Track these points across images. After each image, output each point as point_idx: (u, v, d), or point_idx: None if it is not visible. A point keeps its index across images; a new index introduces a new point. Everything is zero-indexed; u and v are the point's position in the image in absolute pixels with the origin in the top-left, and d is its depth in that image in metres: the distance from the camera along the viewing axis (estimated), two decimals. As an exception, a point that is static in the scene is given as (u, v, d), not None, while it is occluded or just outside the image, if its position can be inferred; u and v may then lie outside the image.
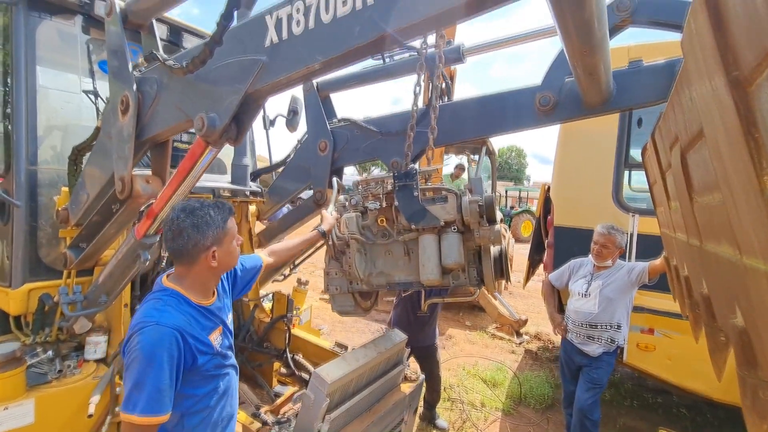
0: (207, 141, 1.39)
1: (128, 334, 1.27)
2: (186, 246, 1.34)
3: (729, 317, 0.81)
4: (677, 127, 1.01)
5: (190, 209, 1.37)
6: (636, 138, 3.56)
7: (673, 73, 1.61)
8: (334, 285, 2.12)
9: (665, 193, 1.62)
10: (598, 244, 3.02)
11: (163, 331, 1.23)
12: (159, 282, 1.43)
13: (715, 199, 0.80)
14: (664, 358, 3.28)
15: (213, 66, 1.39)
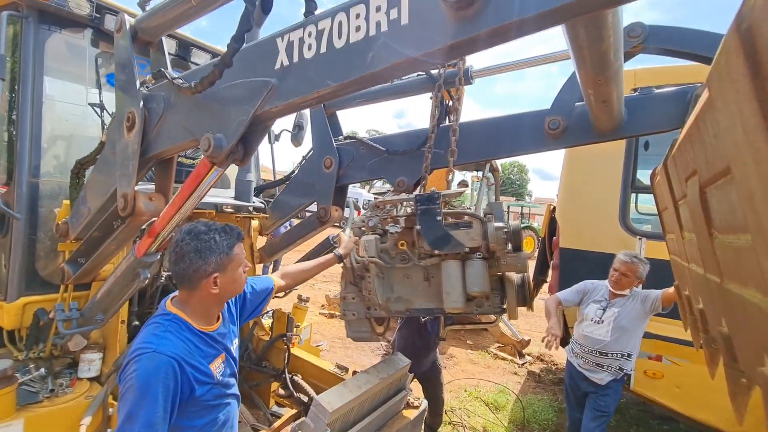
0: (213, 161, 1.37)
1: (125, 360, 1.23)
2: (187, 271, 1.31)
3: (756, 365, 0.77)
4: (696, 161, 0.99)
5: (196, 233, 1.34)
6: (643, 161, 3.54)
7: (685, 100, 1.60)
8: (350, 311, 2.04)
9: (677, 222, 1.58)
10: (618, 272, 2.91)
11: (160, 359, 1.18)
12: (163, 305, 1.40)
13: (741, 241, 0.76)
14: (672, 387, 3.19)
15: (221, 86, 1.37)
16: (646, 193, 3.94)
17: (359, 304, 2.02)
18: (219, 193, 3.32)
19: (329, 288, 8.80)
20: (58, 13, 2.33)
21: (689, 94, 1.60)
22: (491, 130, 2.03)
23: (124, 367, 1.22)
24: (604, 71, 1.08)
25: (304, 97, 1.15)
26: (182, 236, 1.34)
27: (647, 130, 1.67)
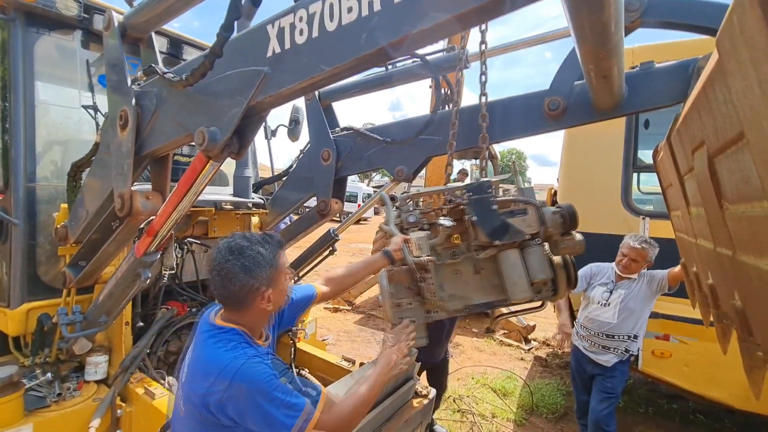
0: (208, 156, 1.34)
1: (208, 387, 1.13)
2: (238, 293, 1.22)
3: (775, 337, 0.75)
4: (704, 131, 0.96)
5: (239, 249, 1.23)
6: (644, 139, 3.50)
7: (687, 74, 1.56)
8: (407, 317, 1.76)
9: (684, 198, 1.56)
10: (627, 257, 2.88)
11: (258, 363, 1.15)
12: (207, 320, 1.30)
13: (756, 210, 0.74)
14: (680, 365, 3.19)
15: (213, 78, 1.34)
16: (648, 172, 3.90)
17: (418, 309, 1.78)
18: (218, 191, 3.30)
19: (333, 283, 8.80)
20: (46, 14, 2.29)
21: (691, 66, 1.56)
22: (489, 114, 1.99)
23: (211, 390, 1.12)
24: (605, 44, 1.04)
25: (298, 84, 1.12)
26: (223, 255, 1.23)
27: (649, 105, 1.64)
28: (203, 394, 1.13)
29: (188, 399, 1.20)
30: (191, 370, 1.23)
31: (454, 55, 2.26)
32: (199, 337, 1.28)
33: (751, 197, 0.74)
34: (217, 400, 1.11)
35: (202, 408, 1.15)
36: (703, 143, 1.00)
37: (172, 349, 2.77)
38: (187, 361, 1.29)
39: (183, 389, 1.25)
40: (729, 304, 1.13)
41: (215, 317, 1.31)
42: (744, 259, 0.89)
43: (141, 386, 2.14)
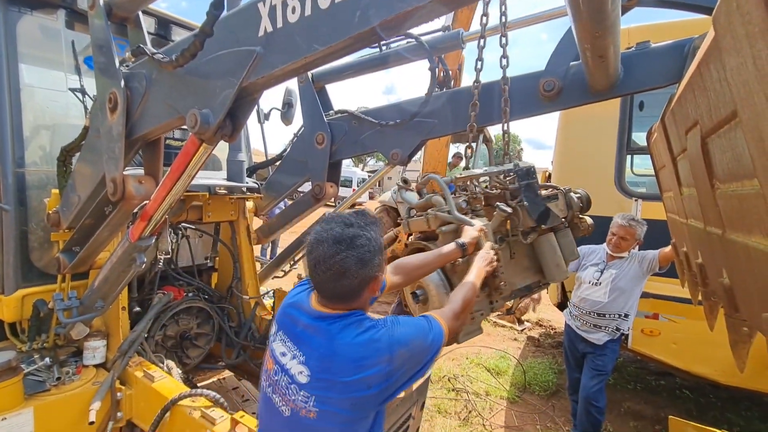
0: (201, 138, 1.32)
1: (376, 372, 1.06)
2: (356, 287, 1.11)
3: (761, 311, 0.77)
4: (697, 111, 0.96)
5: (349, 239, 1.09)
6: (638, 122, 3.50)
7: (683, 54, 1.55)
8: (477, 310, 1.65)
9: (676, 179, 1.57)
10: (617, 236, 2.95)
11: (395, 326, 1.12)
12: (309, 308, 1.18)
13: (746, 188, 0.75)
14: (669, 343, 3.28)
15: (204, 59, 1.32)
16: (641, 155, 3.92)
17: (484, 301, 1.69)
18: (211, 175, 3.27)
19: (329, 267, 8.84)
20: (27, -8, 2.21)
21: (687, 46, 1.55)
22: (484, 95, 1.97)
23: (374, 372, 1.07)
24: (602, 22, 1.03)
25: (291, 64, 1.10)
26: (331, 248, 1.08)
27: (644, 86, 1.63)
28: (361, 380, 1.06)
29: (326, 399, 1.08)
30: (326, 366, 1.09)
31: (450, 35, 2.23)
32: (320, 331, 1.12)
33: (742, 176, 0.75)
34: (385, 375, 1.07)
35: (359, 397, 1.08)
36: (696, 123, 1.00)
37: (170, 333, 2.79)
38: (300, 360, 1.12)
39: (308, 390, 1.09)
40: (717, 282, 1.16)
41: (316, 305, 1.18)
42: (733, 237, 0.91)
43: (140, 369, 2.16)
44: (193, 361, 2.92)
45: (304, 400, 1.09)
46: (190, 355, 2.91)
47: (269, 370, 1.20)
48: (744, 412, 3.81)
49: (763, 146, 0.57)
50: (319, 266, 1.10)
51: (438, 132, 2.17)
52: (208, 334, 2.98)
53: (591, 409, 3.08)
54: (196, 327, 2.92)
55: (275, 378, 1.17)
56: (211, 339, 2.98)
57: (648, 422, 3.72)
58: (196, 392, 1.90)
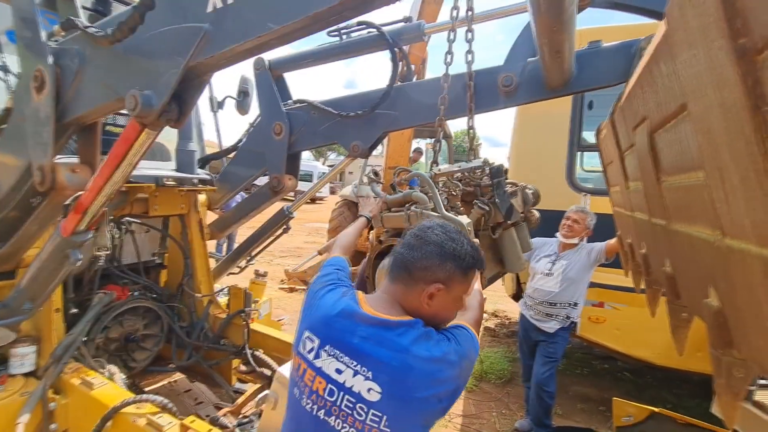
0: (142, 123, 1.21)
1: (447, 388, 1.02)
2: (434, 269, 1.07)
3: (701, 298, 0.81)
4: (646, 106, 1.00)
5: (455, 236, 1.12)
6: (587, 120, 3.69)
7: (631, 54, 1.63)
8: None
9: (623, 174, 1.65)
10: (570, 219, 3.14)
11: (462, 337, 1.09)
12: (364, 316, 1.06)
13: (691, 179, 0.78)
14: (612, 329, 3.50)
15: (146, 35, 1.20)
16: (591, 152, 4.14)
17: None
18: (159, 166, 3.06)
19: (288, 263, 8.66)
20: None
21: (634, 47, 1.63)
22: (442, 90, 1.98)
23: (444, 389, 1.02)
24: (559, 16, 1.05)
25: (243, 44, 1.03)
26: (440, 229, 1.10)
27: (596, 84, 1.70)
28: (435, 395, 1.01)
29: (401, 417, 1.00)
30: (400, 382, 1.00)
31: (412, 27, 2.21)
32: (385, 342, 1.02)
33: (687, 168, 0.78)
34: (454, 390, 1.04)
35: (431, 411, 1.03)
36: (645, 119, 1.04)
37: (113, 335, 2.59)
38: (365, 376, 1.01)
39: (379, 409, 1.00)
40: (660, 270, 1.22)
41: (371, 310, 1.08)
42: (677, 227, 0.96)
43: (77, 376, 1.98)
44: (139, 364, 2.73)
45: (375, 420, 0.99)
46: (136, 358, 2.72)
47: (317, 390, 1.04)
48: (675, 390, 4.17)
49: (711, 138, 0.59)
50: (412, 232, 1.10)
51: (399, 124, 2.15)
52: (157, 335, 2.80)
53: (542, 395, 3.23)
54: (142, 328, 2.73)
55: (331, 399, 1.03)
56: (160, 340, 2.80)
57: (594, 404, 3.97)
58: (141, 398, 1.77)
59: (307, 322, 1.13)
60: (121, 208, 2.50)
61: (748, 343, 0.65)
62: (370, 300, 1.11)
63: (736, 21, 0.45)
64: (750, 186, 0.51)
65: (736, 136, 0.51)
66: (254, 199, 2.74)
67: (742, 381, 0.70)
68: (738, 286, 0.63)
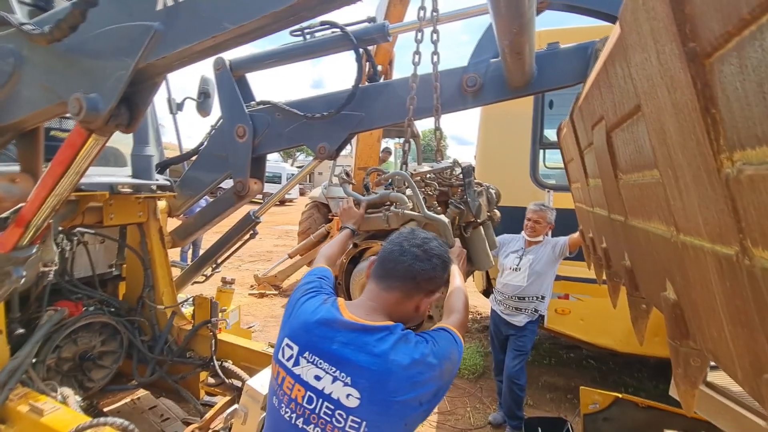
0: (89, 128, 1.13)
1: (427, 389, 1.01)
2: (427, 276, 1.10)
3: (659, 291, 0.85)
4: (603, 106, 1.03)
5: (441, 244, 1.17)
6: (548, 119, 3.81)
7: (587, 55, 1.69)
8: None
9: (583, 171, 1.71)
10: (531, 220, 3.22)
11: (439, 338, 1.09)
12: (342, 321, 1.06)
13: (646, 177, 0.81)
14: (577, 320, 3.64)
15: (89, 34, 1.12)
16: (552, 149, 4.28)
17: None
18: (113, 172, 2.89)
19: (257, 267, 8.44)
20: None
21: (590, 49, 1.69)
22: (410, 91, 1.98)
23: (425, 390, 1.02)
24: (519, 18, 1.07)
25: (197, 44, 0.98)
26: (429, 238, 1.14)
27: (555, 84, 1.75)
28: (415, 398, 1.01)
29: (380, 422, 0.99)
30: (380, 386, 0.99)
31: (376, 27, 2.19)
32: (364, 348, 1.01)
33: (643, 166, 0.81)
34: (435, 391, 1.04)
35: (412, 415, 1.03)
36: (602, 118, 1.08)
37: (66, 355, 2.41)
38: (344, 382, 1.00)
39: (358, 415, 0.99)
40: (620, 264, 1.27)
41: (351, 316, 1.07)
42: (634, 223, 0.99)
43: (24, 403, 1.82)
44: (97, 383, 2.56)
45: (354, 426, 0.98)
46: (93, 377, 2.55)
47: (296, 398, 1.03)
48: (636, 374, 4.40)
49: (664, 138, 0.61)
50: (408, 241, 1.10)
51: (366, 125, 2.13)
52: (116, 352, 2.64)
53: (514, 387, 3.31)
54: (99, 345, 2.57)
55: (310, 407, 1.01)
56: (119, 356, 2.65)
57: (562, 393, 4.11)
58: (98, 422, 1.65)
59: (287, 330, 1.11)
60: (71, 219, 2.34)
61: (703, 334, 0.67)
62: (351, 306, 1.10)
63: (686, 26, 0.46)
64: (702, 184, 0.53)
65: (687, 136, 0.53)
66: (218, 205, 2.65)
67: (698, 370, 0.73)
68: (693, 281, 0.66)
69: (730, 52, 0.40)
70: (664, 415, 2.47)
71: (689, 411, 0.80)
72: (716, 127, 0.46)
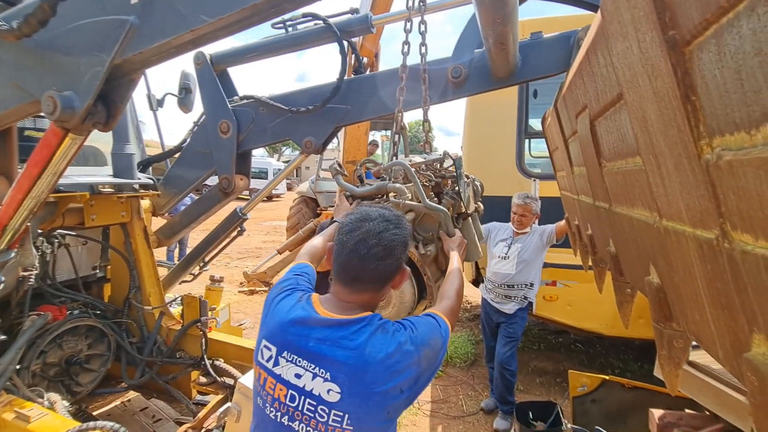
0: (64, 128, 1.09)
1: (407, 376, 1.02)
2: (392, 269, 1.08)
3: (643, 276, 0.87)
4: (586, 96, 1.04)
5: (396, 219, 1.11)
6: (533, 109, 3.84)
7: (569, 45, 1.70)
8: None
9: (568, 159, 1.73)
10: (517, 214, 3.26)
11: (414, 326, 1.08)
12: (318, 319, 1.06)
13: (629, 165, 0.83)
14: (565, 305, 3.72)
15: (61, 29, 1.08)
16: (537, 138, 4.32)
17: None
18: (93, 172, 2.81)
19: (246, 264, 8.37)
20: None
21: (572, 38, 1.70)
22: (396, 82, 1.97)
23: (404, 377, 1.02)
24: (502, 8, 1.07)
25: (175, 38, 0.95)
26: (383, 225, 1.07)
27: (539, 74, 1.76)
28: (395, 387, 1.02)
29: (362, 414, 1.01)
30: (359, 379, 1.01)
31: (359, 19, 2.16)
32: (341, 343, 1.03)
33: (626, 154, 0.82)
34: (414, 378, 1.04)
35: (393, 404, 1.04)
36: (585, 107, 1.09)
37: (52, 360, 2.37)
38: (324, 378, 1.02)
39: (340, 409, 1.00)
40: (605, 250, 1.30)
41: (326, 312, 1.08)
42: (618, 210, 1.01)
43: (9, 410, 1.78)
44: (85, 387, 2.52)
45: (337, 419, 1.00)
46: (81, 381, 2.51)
47: (279, 397, 1.05)
48: (621, 356, 4.52)
49: (646, 126, 0.62)
50: (365, 242, 1.05)
51: (352, 118, 2.12)
52: (103, 354, 2.60)
53: (505, 373, 3.38)
54: (86, 348, 2.52)
55: (293, 404, 1.03)
56: (107, 359, 2.60)
57: (551, 377, 4.21)
58: (87, 426, 1.63)
59: (265, 331, 1.12)
60: (51, 221, 2.27)
61: (685, 317, 0.69)
62: (325, 302, 1.11)
63: (666, 14, 0.47)
64: (683, 171, 0.54)
65: (669, 123, 0.54)
66: (204, 202, 2.60)
67: (681, 351, 0.75)
68: (675, 265, 0.67)
69: (709, 40, 0.41)
70: (649, 394, 2.55)
71: (673, 390, 0.82)
72: (696, 114, 0.47)
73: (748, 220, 0.41)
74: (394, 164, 1.65)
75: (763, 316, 0.42)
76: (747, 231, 0.42)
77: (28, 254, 1.55)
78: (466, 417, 3.59)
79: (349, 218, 1.11)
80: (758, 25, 0.33)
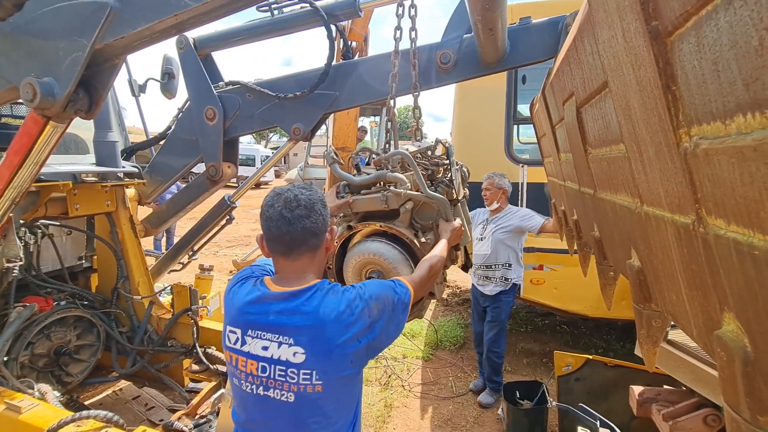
0: (45, 115, 1.06)
1: (361, 324, 1.11)
2: (320, 224, 1.15)
3: (624, 259, 0.90)
4: (573, 83, 1.05)
5: (305, 186, 1.20)
6: (522, 95, 3.85)
7: (557, 31, 1.70)
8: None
9: (555, 146, 1.76)
10: (483, 190, 3.39)
11: (368, 283, 1.21)
12: (271, 296, 1.14)
13: (613, 152, 0.85)
14: (551, 289, 3.80)
15: (37, 13, 1.04)
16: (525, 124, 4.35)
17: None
18: (76, 160, 2.75)
19: (235, 253, 8.33)
20: None
21: (560, 23, 1.70)
22: (385, 67, 1.95)
23: (360, 326, 1.11)
24: (491, -7, 1.06)
25: (157, 23, 0.92)
26: (299, 191, 1.16)
27: (528, 60, 1.76)
28: (352, 337, 1.11)
29: (327, 367, 1.10)
30: (319, 337, 1.10)
31: (347, 2, 2.12)
32: (297, 311, 1.11)
33: (610, 141, 0.84)
34: (368, 328, 1.13)
35: (354, 352, 1.13)
36: (572, 94, 1.10)
37: (40, 351, 2.35)
38: (288, 344, 1.10)
39: (308, 367, 1.09)
40: (590, 235, 1.33)
41: (278, 287, 1.16)
42: (602, 196, 1.04)
43: (0, 402, 1.78)
44: (75, 378, 2.52)
45: (306, 377, 1.10)
46: (71, 371, 2.50)
47: (251, 371, 1.14)
48: (605, 336, 4.67)
49: (629, 114, 0.64)
50: (287, 207, 1.12)
51: (341, 104, 2.10)
52: (93, 344, 2.59)
53: (491, 355, 3.47)
54: (75, 339, 2.51)
55: (265, 375, 1.12)
56: (97, 349, 2.59)
57: (537, 357, 4.34)
58: (80, 415, 1.63)
59: (228, 318, 1.20)
60: (33, 211, 2.22)
61: (663, 298, 0.73)
62: (275, 280, 1.19)
63: (649, 4, 0.48)
64: (663, 158, 0.56)
65: (650, 112, 0.55)
66: (190, 191, 2.57)
67: (659, 330, 0.79)
68: (655, 249, 0.70)
69: (689, 31, 0.42)
70: (630, 372, 2.65)
71: (651, 367, 0.87)
72: (676, 103, 0.48)
73: (722, 206, 0.43)
74: (395, 153, 1.66)
75: (733, 296, 0.44)
76: (720, 216, 0.44)
77: (12, 245, 1.52)
78: (455, 398, 3.69)
79: (266, 199, 1.18)
80: (734, 18, 0.34)
